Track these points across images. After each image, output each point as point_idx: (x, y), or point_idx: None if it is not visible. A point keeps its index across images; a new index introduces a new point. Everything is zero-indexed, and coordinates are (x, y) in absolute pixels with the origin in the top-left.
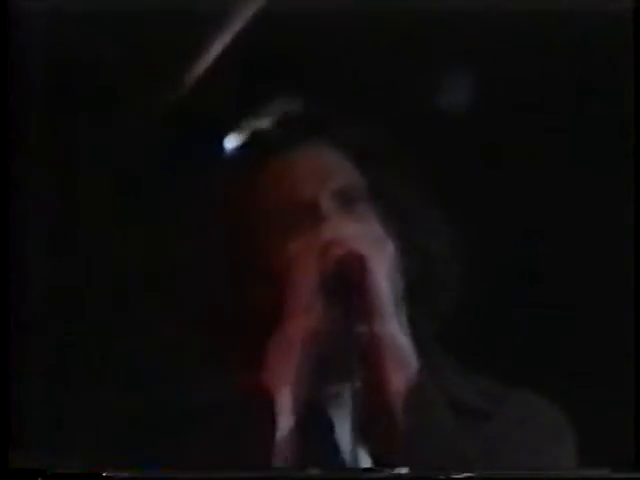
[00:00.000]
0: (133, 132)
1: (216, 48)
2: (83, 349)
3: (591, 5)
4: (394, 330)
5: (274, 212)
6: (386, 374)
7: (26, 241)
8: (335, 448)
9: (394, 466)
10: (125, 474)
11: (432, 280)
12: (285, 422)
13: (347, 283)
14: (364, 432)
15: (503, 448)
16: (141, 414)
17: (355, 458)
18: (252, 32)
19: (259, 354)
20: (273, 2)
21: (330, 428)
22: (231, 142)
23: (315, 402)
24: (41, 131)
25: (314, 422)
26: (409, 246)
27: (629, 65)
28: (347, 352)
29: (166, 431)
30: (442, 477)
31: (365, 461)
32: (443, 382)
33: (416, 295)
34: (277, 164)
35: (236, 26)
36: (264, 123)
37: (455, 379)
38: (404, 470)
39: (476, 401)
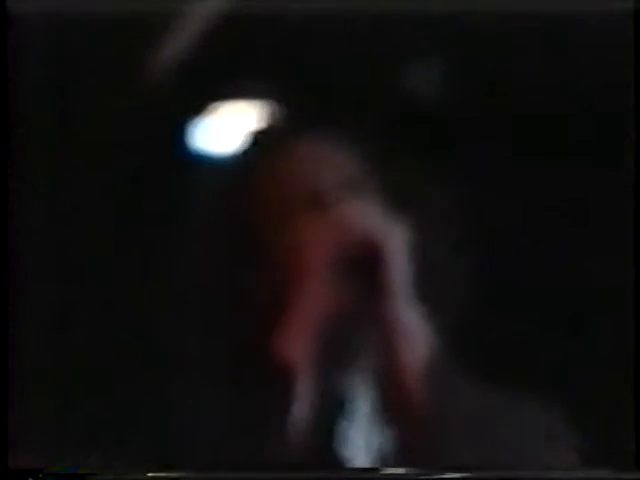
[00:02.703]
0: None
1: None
2: (83, 349)
3: (591, 5)
4: (408, 313)
5: (276, 205)
6: (400, 358)
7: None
8: (350, 438)
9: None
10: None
11: (437, 276)
12: (300, 408)
13: (360, 266)
14: (380, 418)
15: (497, 454)
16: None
17: (370, 450)
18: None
19: (271, 337)
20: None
21: (346, 414)
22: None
23: (331, 386)
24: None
25: (330, 409)
26: (415, 239)
27: (629, 65)
28: (361, 335)
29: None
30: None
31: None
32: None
33: (424, 288)
34: (277, 158)
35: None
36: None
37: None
38: (401, 470)
39: (475, 406)
